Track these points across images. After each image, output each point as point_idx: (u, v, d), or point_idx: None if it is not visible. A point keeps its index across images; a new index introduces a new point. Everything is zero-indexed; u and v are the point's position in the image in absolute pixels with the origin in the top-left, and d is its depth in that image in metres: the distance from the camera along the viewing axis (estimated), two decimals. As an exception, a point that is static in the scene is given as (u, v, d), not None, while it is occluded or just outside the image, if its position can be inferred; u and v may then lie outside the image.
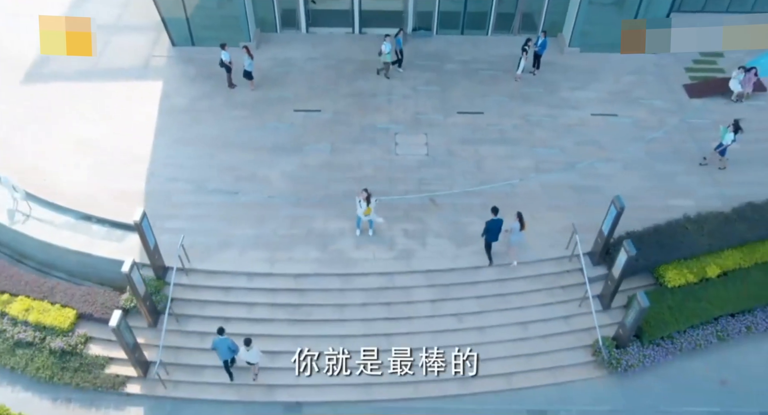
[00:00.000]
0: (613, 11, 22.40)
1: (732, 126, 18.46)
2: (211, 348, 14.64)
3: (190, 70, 21.87)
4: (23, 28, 23.28)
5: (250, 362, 14.88)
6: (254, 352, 14.46)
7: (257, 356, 14.63)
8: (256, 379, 15.52)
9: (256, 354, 14.55)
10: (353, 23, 23.35)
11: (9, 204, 17.73)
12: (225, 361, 14.92)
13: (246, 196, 18.05)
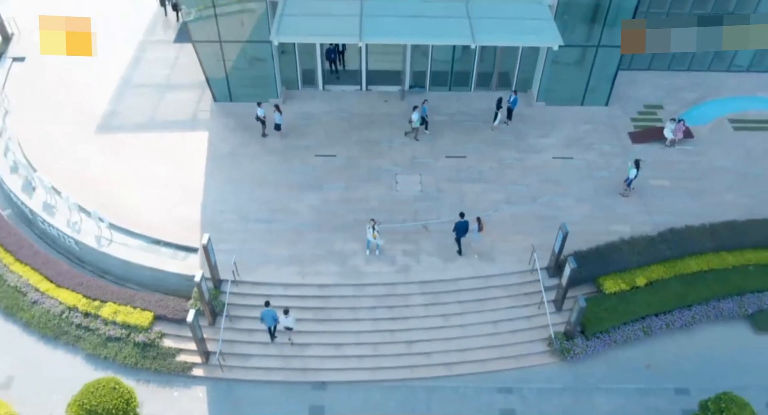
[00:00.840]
0: (572, 71, 27.58)
1: (634, 163, 23.60)
2: (260, 318, 19.66)
3: (231, 122, 27.07)
4: (94, 82, 28.75)
5: (288, 327, 19.99)
6: (291, 319, 19.68)
7: (293, 322, 19.77)
8: (291, 342, 20.46)
9: (292, 320, 19.77)
10: (361, 82, 28.58)
11: (95, 231, 22.78)
12: (269, 327, 19.99)
13: (279, 224, 23.13)
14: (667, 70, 30.41)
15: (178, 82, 29.08)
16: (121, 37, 31.28)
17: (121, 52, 30.53)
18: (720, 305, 21.71)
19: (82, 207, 23.21)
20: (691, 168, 25.71)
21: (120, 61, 30.06)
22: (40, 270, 22.41)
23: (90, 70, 29.36)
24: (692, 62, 30.44)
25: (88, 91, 28.49)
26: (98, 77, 29.08)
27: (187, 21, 25.53)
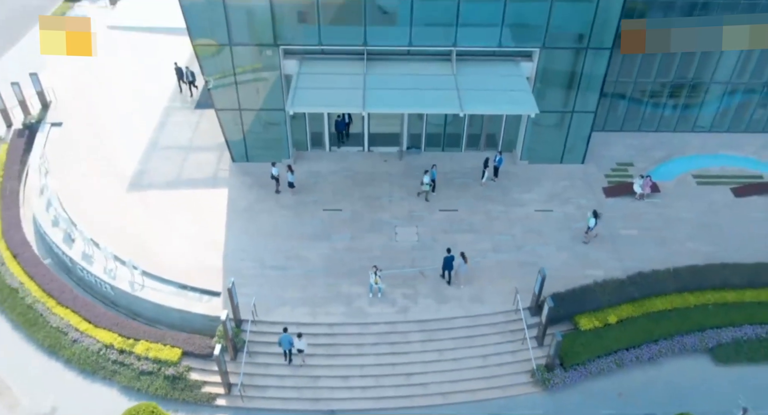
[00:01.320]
0: (551, 133, 31.01)
1: (592, 214, 26.75)
2: (278, 343, 22.47)
3: (248, 180, 30.34)
4: (125, 144, 32.14)
5: (301, 349, 22.84)
6: (303, 342, 22.53)
7: (305, 345, 22.63)
8: (303, 363, 23.15)
9: (304, 344, 22.63)
10: (363, 143, 32.00)
11: (130, 278, 25.73)
12: (285, 351, 22.92)
13: (293, 271, 26.10)
14: (637, 131, 33.93)
15: (200, 145, 32.51)
16: (148, 104, 34.87)
17: (149, 117, 34.08)
18: (683, 340, 24.50)
19: (118, 256, 26.21)
20: (657, 219, 28.87)
21: (147, 126, 33.56)
22: (79, 312, 25.24)
23: (121, 134, 32.91)
24: (660, 124, 33.99)
25: (120, 152, 31.86)
26: (128, 140, 32.55)
27: (210, 89, 29.05)
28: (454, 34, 27.21)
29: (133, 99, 35.33)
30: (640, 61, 31.48)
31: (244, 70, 28.24)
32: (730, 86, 32.63)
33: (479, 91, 26.70)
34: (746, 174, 31.47)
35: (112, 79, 36.85)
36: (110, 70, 37.45)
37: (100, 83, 36.62)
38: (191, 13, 26.45)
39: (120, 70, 37.53)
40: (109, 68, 37.57)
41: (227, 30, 26.78)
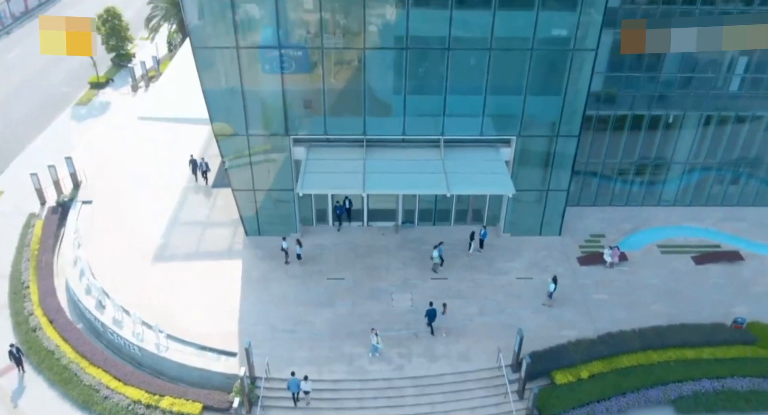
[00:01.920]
0: (530, 209, 34.78)
1: (552, 279, 30.22)
2: (287, 386, 25.41)
3: (260, 252, 33.91)
4: (148, 220, 35.82)
5: (306, 391, 25.87)
6: (308, 385, 25.53)
7: (310, 387, 25.65)
8: (308, 405, 26.03)
9: (309, 386, 25.67)
10: (363, 219, 35.76)
11: (155, 340, 28.92)
12: (293, 393, 25.85)
13: (300, 334, 29.34)
14: (608, 205, 37.80)
15: (216, 220, 36.26)
16: (169, 185, 38.85)
17: (169, 196, 37.97)
18: (648, 393, 27.52)
19: (145, 321, 29.47)
20: (626, 285, 32.34)
21: (168, 204, 37.40)
22: (110, 371, 28.30)
23: (145, 211, 36.70)
24: (629, 198, 37.90)
25: (144, 228, 35.55)
26: (152, 217, 36.30)
27: (227, 169, 32.95)
28: (442, 125, 31.46)
29: (155, 180, 39.31)
30: (607, 144, 35.70)
31: (257, 155, 32.27)
32: (689, 165, 36.75)
33: (464, 174, 30.70)
34: (705, 244, 35.15)
35: (137, 162, 40.96)
36: (135, 154, 41.67)
37: (125, 166, 40.72)
38: (213, 102, 30.58)
39: (144, 154, 41.72)
40: (134, 152, 41.81)
41: (245, 121, 30.98)
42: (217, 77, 29.95)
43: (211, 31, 28.56)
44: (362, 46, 29.14)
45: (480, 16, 28.80)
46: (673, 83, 33.89)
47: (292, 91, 30.36)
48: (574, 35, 29.15)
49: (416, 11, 28.72)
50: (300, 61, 29.78)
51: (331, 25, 28.97)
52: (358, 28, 28.83)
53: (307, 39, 29.10)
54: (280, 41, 28.85)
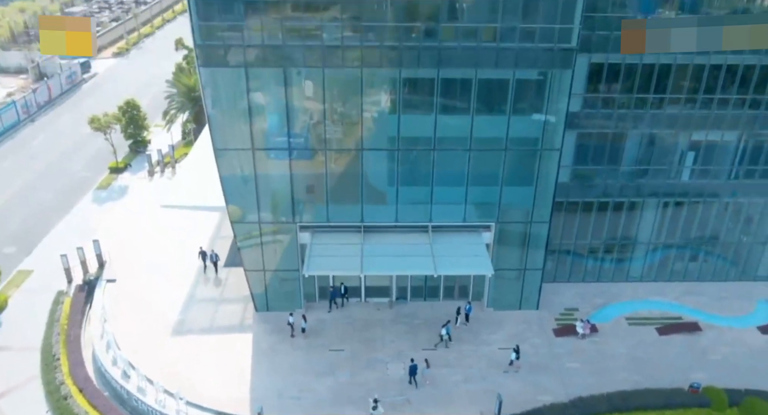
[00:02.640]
0: (510, 286, 38.87)
1: (514, 349, 34.02)
2: None
3: (268, 327, 37.75)
4: (167, 298, 39.74)
5: None
6: None
7: None
8: None
9: None
10: (361, 295, 39.80)
11: (176, 406, 32.40)
12: None
13: (305, 400, 32.87)
14: (581, 281, 41.96)
15: (228, 297, 40.25)
16: (186, 265, 42.99)
17: (187, 275, 42.04)
18: (615, 452, 31.02)
19: (167, 389, 33.01)
20: (596, 354, 36.15)
21: (186, 282, 41.45)
22: (135, 436, 31.71)
23: (164, 289, 40.69)
24: (600, 275, 42.10)
25: (163, 304, 39.47)
26: (171, 294, 40.27)
27: (239, 249, 37.14)
28: (430, 213, 36.02)
29: (173, 261, 43.45)
30: (577, 226, 40.18)
31: (267, 239, 36.59)
32: (651, 245, 41.18)
33: (449, 256, 35.05)
34: (668, 316, 39.15)
35: (157, 244, 45.24)
36: (154, 237, 46.00)
37: (146, 247, 44.97)
38: (230, 191, 35.01)
39: (163, 237, 46.04)
40: (154, 235, 46.17)
41: (257, 209, 35.46)
42: (234, 172, 34.57)
43: (231, 137, 33.35)
44: (360, 147, 34.00)
45: (460, 121, 33.78)
46: (633, 174, 38.69)
47: (299, 184, 35.01)
48: (541, 137, 34.11)
49: (406, 117, 33.78)
50: (306, 157, 34.59)
51: (334, 130, 33.86)
52: (356, 132, 33.74)
53: (314, 141, 33.97)
54: (290, 143, 33.69)
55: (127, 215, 50.35)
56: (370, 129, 34.02)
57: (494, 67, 32.11)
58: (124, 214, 50.72)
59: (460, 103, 33.47)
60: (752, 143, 38.12)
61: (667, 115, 36.80)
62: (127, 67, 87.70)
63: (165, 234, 46.30)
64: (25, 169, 58.69)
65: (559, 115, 33.43)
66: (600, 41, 34.12)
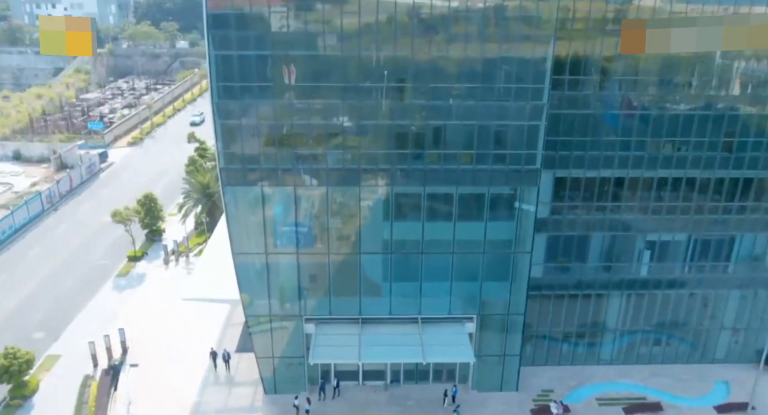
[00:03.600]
0: (492, 369, 43.62)
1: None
2: None
3: (275, 408, 42.22)
4: (185, 379, 44.36)
5: None
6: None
7: None
8: None
9: None
10: (359, 378, 44.43)
11: (195, 483, 36.64)
12: None
13: (310, 476, 37.14)
14: (558, 365, 46.71)
15: (240, 380, 44.86)
16: (201, 351, 47.76)
17: (202, 360, 46.75)
18: None
19: (187, 467, 37.34)
20: (567, 431, 40.65)
21: (202, 366, 46.11)
22: None
23: (182, 373, 45.31)
24: (574, 358, 46.87)
25: (183, 387, 44.04)
26: (189, 377, 44.87)
27: (251, 335, 41.99)
28: (419, 306, 41.21)
29: (191, 347, 48.22)
30: (551, 315, 45.25)
31: (277, 328, 41.58)
32: (618, 331, 46.18)
33: (436, 345, 40.04)
34: (634, 397, 43.76)
35: (176, 332, 50.10)
36: (174, 325, 50.91)
37: (165, 335, 49.80)
38: (245, 286, 40.25)
39: (181, 325, 50.95)
40: (173, 324, 51.09)
41: (268, 305, 40.62)
42: (249, 272, 39.92)
43: (247, 243, 38.90)
44: (359, 251, 39.53)
45: (444, 228, 39.42)
46: (598, 269, 44.10)
47: (305, 283, 40.37)
48: (514, 240, 39.73)
49: (398, 224, 39.46)
50: (312, 261, 40.05)
51: (336, 237, 39.45)
52: (355, 238, 39.35)
53: (318, 246, 39.51)
54: (298, 249, 39.21)
55: (147, 302, 55.28)
56: (367, 235, 39.60)
57: (471, 185, 38.01)
58: (144, 301, 55.66)
59: (444, 213, 39.22)
60: (700, 242, 43.77)
61: (624, 220, 42.59)
62: (141, 157, 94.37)
63: (182, 321, 51.15)
64: (50, 257, 63.93)
65: (529, 223, 39.16)
66: (562, 159, 40.26)
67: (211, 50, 34.19)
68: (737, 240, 43.80)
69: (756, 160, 41.11)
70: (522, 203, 38.92)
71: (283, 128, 36.45)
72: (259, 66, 35.35)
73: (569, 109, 39.21)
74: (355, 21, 34.20)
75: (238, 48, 34.44)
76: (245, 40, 34.56)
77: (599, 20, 38.13)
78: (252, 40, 34.80)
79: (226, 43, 34.42)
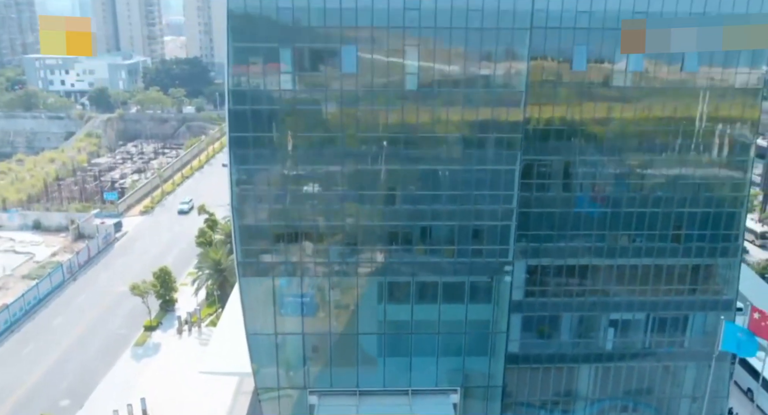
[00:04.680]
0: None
1: None
2: None
3: (283, 472, 47.35)
4: None
5: None
6: None
7: None
8: None
9: None
10: (356, 444, 49.61)
11: None
12: None
13: None
14: None
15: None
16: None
17: (215, 426, 52.03)
18: None
19: None
20: None
21: (215, 433, 51.37)
22: None
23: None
24: None
25: None
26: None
27: (260, 401, 47.30)
28: (409, 380, 46.78)
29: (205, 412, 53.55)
30: (528, 385, 50.69)
31: (284, 398, 46.99)
32: (589, 400, 51.55)
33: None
34: (603, 460, 48.96)
35: (192, 401, 55.39)
36: (188, 393, 56.24)
37: (181, 402, 55.08)
38: (257, 361, 45.83)
39: (196, 393, 56.29)
40: (188, 392, 56.44)
41: (277, 377, 46.18)
42: (261, 349, 45.62)
43: (260, 324, 44.76)
44: (356, 332, 45.40)
45: (431, 310, 45.36)
46: (569, 345, 49.80)
47: (309, 359, 46.03)
48: (491, 321, 45.62)
49: (390, 306, 45.41)
50: (315, 341, 45.85)
51: (336, 319, 45.35)
52: (353, 320, 45.23)
53: (321, 327, 45.36)
54: (303, 329, 45.07)
55: (163, 371, 60.61)
56: (364, 317, 45.51)
57: (453, 275, 44.17)
58: (160, 370, 60.98)
59: (430, 298, 45.25)
60: (658, 320, 49.62)
61: (590, 302, 48.54)
62: (153, 226, 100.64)
63: (196, 390, 56.41)
64: (73, 327, 69.45)
65: (504, 306, 45.18)
66: (534, 250, 46.43)
67: (233, 165, 40.81)
68: (690, 318, 49.68)
69: (701, 250, 47.36)
70: (498, 289, 44.99)
71: (294, 229, 42.78)
72: (272, 178, 41.95)
73: (538, 207, 45.60)
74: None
75: (256, 167, 41.22)
76: (263, 160, 41.33)
77: (562, 132, 44.85)
78: (268, 158, 41.51)
79: (245, 161, 41.16)
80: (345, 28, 39.06)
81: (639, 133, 44.06)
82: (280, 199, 42.16)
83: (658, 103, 43.73)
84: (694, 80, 43.46)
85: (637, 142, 44.70)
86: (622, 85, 43.49)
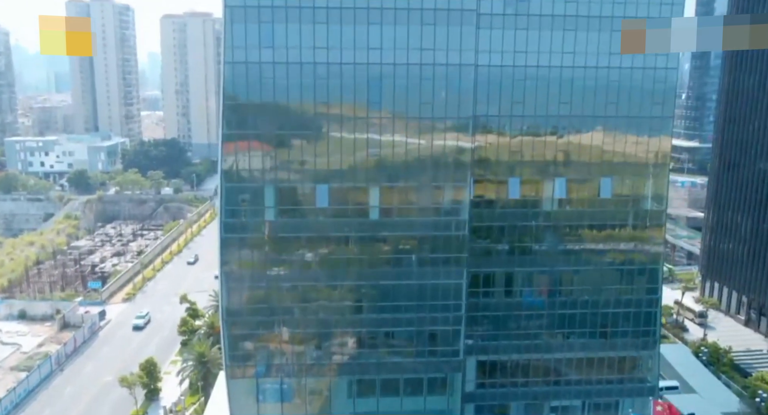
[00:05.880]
0: None
1: None
2: None
3: None
4: None
5: None
6: None
7: None
8: None
9: None
10: None
11: None
12: None
13: None
14: None
15: None
16: None
17: None
18: None
19: None
20: None
21: None
22: None
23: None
24: None
25: None
26: None
27: None
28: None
29: None
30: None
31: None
32: (538, 479, 58.05)
33: None
34: None
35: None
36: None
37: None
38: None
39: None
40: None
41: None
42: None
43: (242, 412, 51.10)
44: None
45: (394, 402, 52.12)
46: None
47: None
48: (446, 410, 52.44)
49: (359, 400, 52.06)
50: None
51: (311, 405, 51.80)
52: (326, 412, 51.76)
53: None
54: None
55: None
56: (336, 409, 52.06)
57: (413, 373, 51.34)
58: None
59: (393, 391, 52.24)
60: (593, 406, 56.98)
61: (534, 391, 55.82)
62: (135, 313, 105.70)
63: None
64: (61, 419, 73.98)
65: (457, 397, 52.25)
66: (482, 348, 53.91)
67: (223, 285, 48.09)
68: (620, 403, 57.12)
69: (625, 345, 55.33)
70: (451, 383, 52.13)
71: (276, 337, 49.82)
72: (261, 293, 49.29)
73: (485, 311, 53.37)
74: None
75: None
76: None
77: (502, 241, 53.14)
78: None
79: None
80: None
81: (565, 252, 52.62)
82: (264, 312, 49.34)
83: (581, 225, 52.64)
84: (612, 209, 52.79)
85: (565, 257, 53.28)
86: (550, 209, 52.29)
